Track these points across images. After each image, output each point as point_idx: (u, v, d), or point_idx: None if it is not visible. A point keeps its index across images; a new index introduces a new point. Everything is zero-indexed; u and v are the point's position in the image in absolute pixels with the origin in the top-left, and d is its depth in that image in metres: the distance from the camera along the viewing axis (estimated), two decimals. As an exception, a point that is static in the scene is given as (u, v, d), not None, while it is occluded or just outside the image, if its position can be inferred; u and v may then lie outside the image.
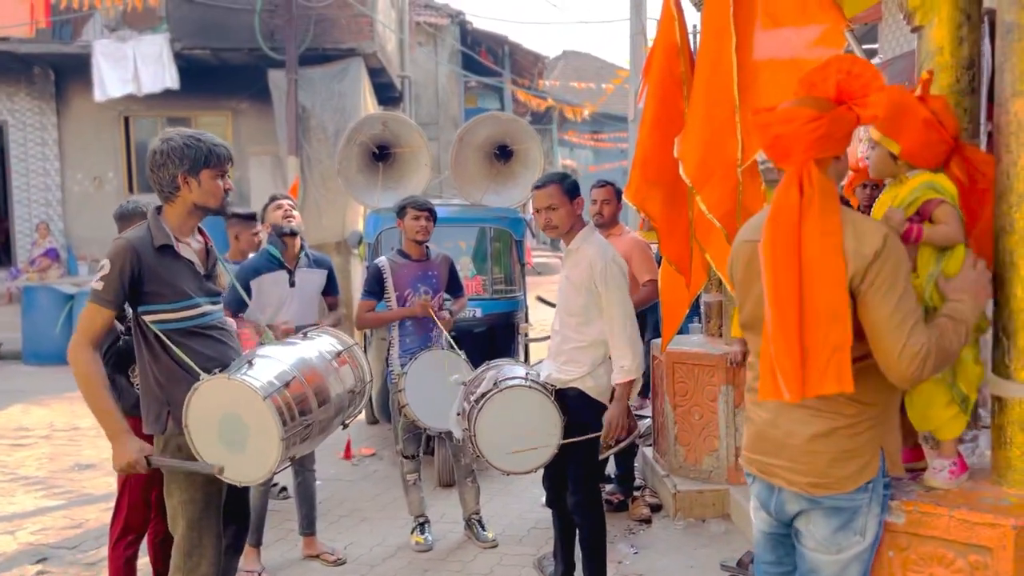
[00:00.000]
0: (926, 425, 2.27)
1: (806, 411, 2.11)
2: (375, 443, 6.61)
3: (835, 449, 2.09)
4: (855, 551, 2.12)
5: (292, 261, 4.30)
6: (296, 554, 4.38)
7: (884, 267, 1.97)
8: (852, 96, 2.07)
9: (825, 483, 2.10)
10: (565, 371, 3.50)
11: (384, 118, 6.48)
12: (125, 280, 2.62)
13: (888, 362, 2.00)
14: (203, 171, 2.71)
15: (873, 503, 2.10)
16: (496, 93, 22.78)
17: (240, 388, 2.60)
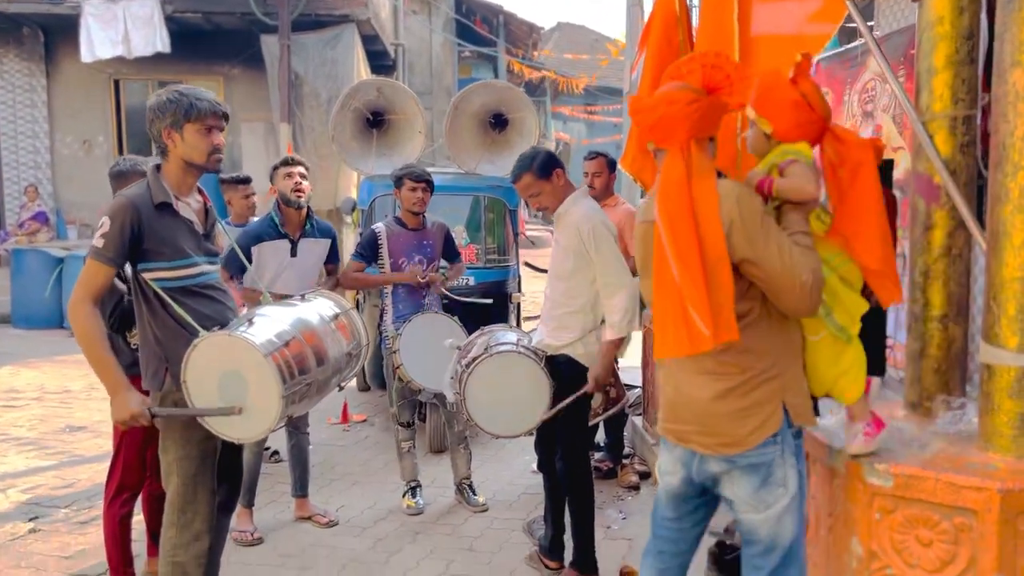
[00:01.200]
0: (825, 388, 2.37)
1: (704, 376, 2.29)
2: (367, 409, 6.65)
3: (733, 408, 2.25)
4: (783, 504, 2.25)
5: (296, 230, 4.26)
6: (288, 516, 4.42)
7: (746, 222, 2.17)
8: (716, 87, 2.27)
9: (730, 441, 2.25)
10: (556, 336, 3.52)
11: (379, 84, 6.43)
12: (126, 237, 2.61)
13: (793, 303, 2.19)
14: (186, 125, 2.68)
15: (786, 454, 2.24)
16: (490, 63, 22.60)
17: (241, 345, 2.61)
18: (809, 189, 2.27)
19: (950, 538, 2.10)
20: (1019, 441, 2.15)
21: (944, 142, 2.40)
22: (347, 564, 3.86)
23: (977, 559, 2.06)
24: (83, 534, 4.21)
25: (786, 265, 2.15)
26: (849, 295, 2.34)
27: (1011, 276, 2.11)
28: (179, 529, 2.79)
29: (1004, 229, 2.11)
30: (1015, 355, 2.12)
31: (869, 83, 7.39)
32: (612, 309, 3.38)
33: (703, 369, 2.28)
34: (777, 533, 2.26)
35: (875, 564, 2.23)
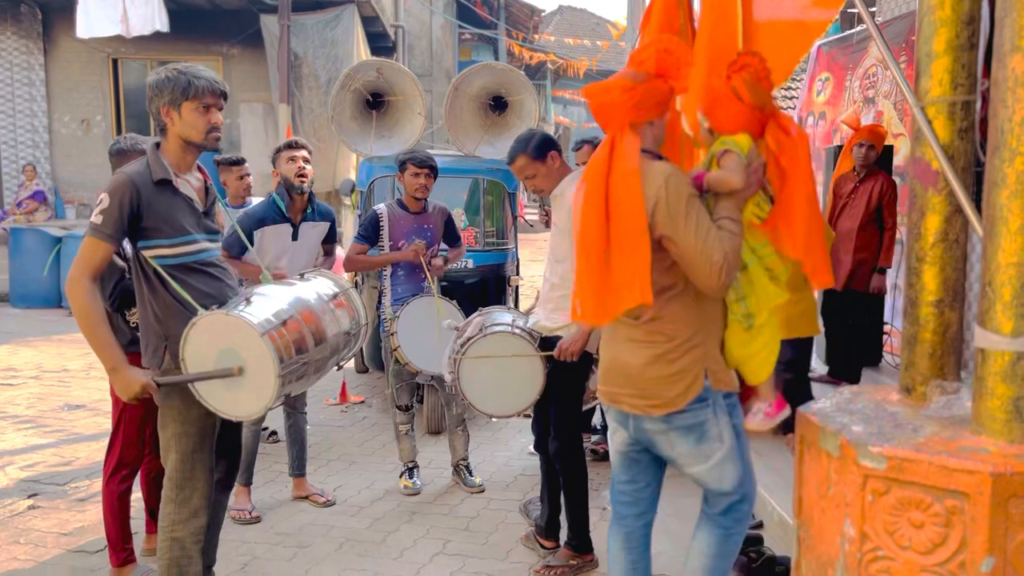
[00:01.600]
0: (732, 362, 2.60)
1: (635, 344, 2.53)
2: (364, 391, 6.68)
3: (661, 373, 2.49)
4: (720, 454, 2.55)
5: (298, 214, 4.26)
6: (286, 495, 4.45)
7: (670, 201, 2.38)
8: (667, 72, 2.46)
9: (660, 403, 2.49)
10: (552, 319, 3.53)
11: (378, 64, 6.40)
12: (124, 214, 2.62)
13: (703, 280, 2.41)
14: (184, 103, 2.68)
15: (718, 412, 2.52)
16: (490, 46, 22.50)
17: (238, 324, 2.62)
18: (733, 180, 2.46)
19: (942, 520, 2.12)
20: (1012, 425, 2.15)
21: (943, 127, 2.39)
22: (344, 543, 3.89)
23: (968, 541, 2.07)
24: (81, 511, 4.23)
25: (700, 245, 2.35)
26: (766, 285, 2.53)
27: (1007, 261, 2.11)
28: (177, 505, 2.81)
29: (1001, 215, 2.12)
30: (1010, 340, 2.12)
31: (871, 68, 7.40)
32: None
33: (634, 337, 2.52)
34: (721, 479, 2.58)
35: (867, 546, 2.24)
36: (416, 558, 3.73)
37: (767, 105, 2.56)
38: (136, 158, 2.90)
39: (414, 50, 18.51)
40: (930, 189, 2.45)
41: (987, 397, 2.19)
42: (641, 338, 2.51)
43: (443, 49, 19.68)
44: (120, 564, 3.47)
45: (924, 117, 2.42)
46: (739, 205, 2.48)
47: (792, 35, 3.32)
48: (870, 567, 2.24)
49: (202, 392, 2.68)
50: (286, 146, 4.29)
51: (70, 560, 3.70)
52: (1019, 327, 2.11)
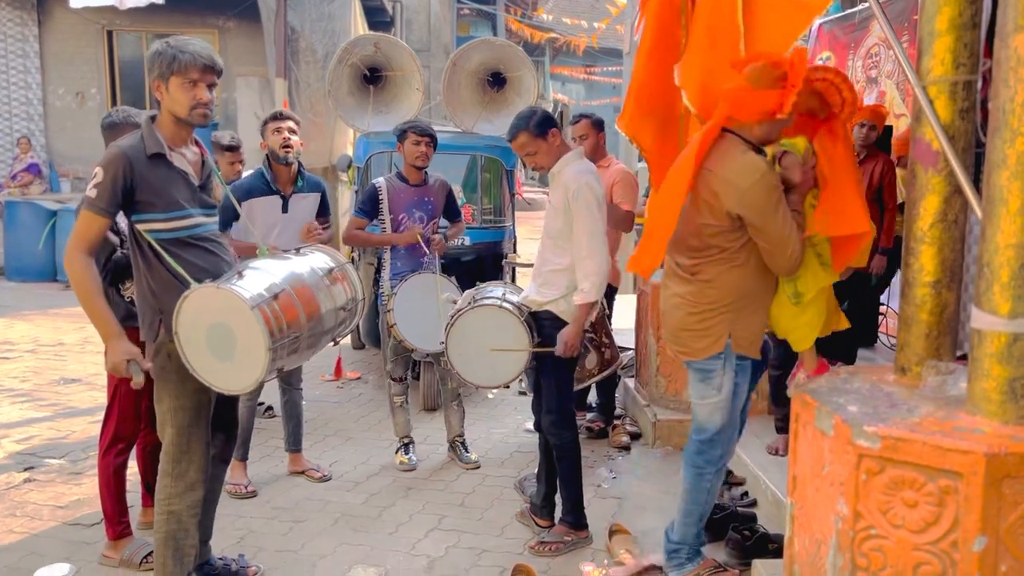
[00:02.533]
0: (781, 332, 3.13)
1: (677, 300, 3.09)
2: (360, 367, 6.68)
3: (690, 328, 3.05)
4: (713, 401, 3.09)
5: (287, 186, 4.22)
6: (282, 470, 4.47)
7: (761, 195, 2.81)
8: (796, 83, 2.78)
9: (687, 352, 3.09)
10: (541, 293, 3.56)
11: (376, 39, 6.34)
12: (118, 188, 2.60)
13: (779, 265, 2.92)
14: (171, 78, 2.65)
15: (727, 368, 3.04)
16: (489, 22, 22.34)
17: (229, 297, 2.61)
18: (791, 177, 2.96)
19: (935, 500, 2.13)
20: (1006, 406, 2.16)
21: (944, 107, 2.38)
22: (339, 518, 3.91)
23: (961, 520, 2.09)
24: (77, 484, 4.25)
25: (783, 236, 2.83)
26: (817, 269, 3.00)
27: (1006, 243, 2.11)
28: (174, 479, 2.82)
29: (1001, 195, 2.11)
30: (1007, 321, 2.13)
31: (873, 48, 7.34)
32: (583, 274, 3.40)
33: (677, 295, 3.09)
34: (708, 419, 3.12)
35: (860, 524, 2.26)
36: (411, 533, 3.75)
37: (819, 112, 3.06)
38: (129, 131, 2.87)
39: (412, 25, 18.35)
40: (930, 170, 2.44)
41: (983, 378, 2.20)
42: (682, 295, 3.06)
43: (441, 24, 19.51)
44: (116, 537, 3.48)
45: (925, 96, 2.40)
46: (801, 199, 2.95)
47: (793, 12, 3.30)
48: (863, 545, 2.26)
49: (194, 366, 2.68)
50: (272, 117, 4.26)
51: (65, 533, 3.71)
52: (1016, 308, 2.12)
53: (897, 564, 2.16)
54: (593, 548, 3.60)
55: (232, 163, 4.65)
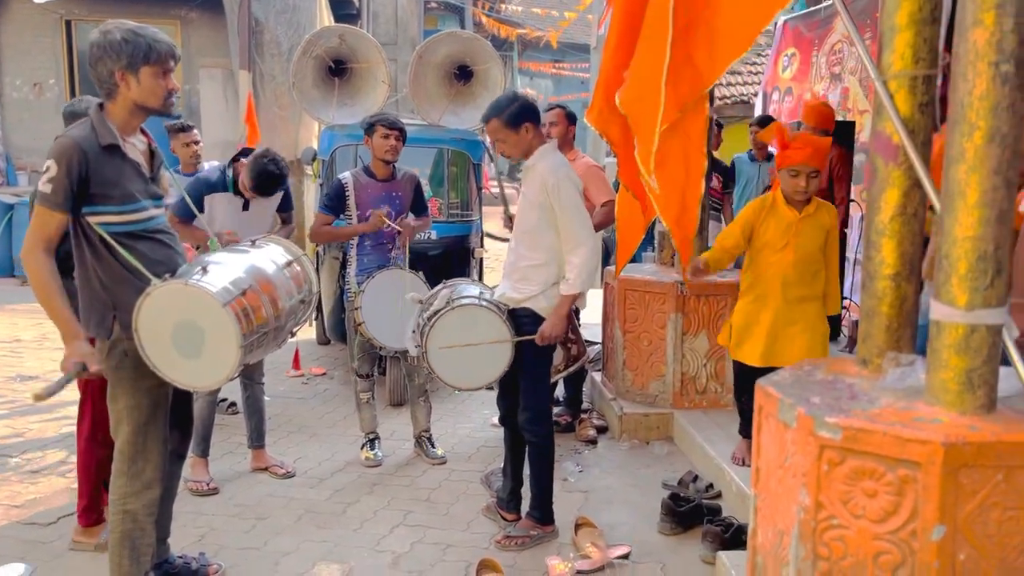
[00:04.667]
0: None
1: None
2: (325, 363, 6.62)
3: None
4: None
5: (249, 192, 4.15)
6: (244, 467, 4.41)
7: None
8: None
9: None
10: (518, 290, 3.51)
11: (341, 31, 6.26)
12: (73, 180, 2.53)
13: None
14: (142, 68, 2.59)
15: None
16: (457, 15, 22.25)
17: (197, 294, 2.57)
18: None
19: (894, 489, 2.15)
20: (964, 396, 2.19)
21: (904, 101, 2.40)
22: (303, 515, 3.86)
23: (919, 510, 2.11)
24: (34, 483, 4.15)
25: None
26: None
27: (963, 235, 2.13)
28: (129, 478, 2.77)
29: (959, 189, 2.13)
30: (964, 312, 2.15)
31: (837, 45, 7.43)
32: (571, 265, 3.38)
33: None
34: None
35: (821, 514, 2.28)
36: (376, 529, 3.72)
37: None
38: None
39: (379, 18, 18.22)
40: (890, 163, 2.46)
41: (941, 369, 2.22)
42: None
43: (408, 17, 19.39)
44: (91, 524, 3.46)
45: (886, 91, 2.42)
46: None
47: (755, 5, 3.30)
48: (824, 535, 2.28)
49: (157, 363, 2.62)
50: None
51: (22, 533, 3.63)
52: (974, 300, 2.14)
53: (857, 554, 2.18)
54: (559, 542, 3.60)
55: (187, 144, 4.56)
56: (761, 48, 11.85)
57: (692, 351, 4.81)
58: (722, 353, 4.84)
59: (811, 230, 3.65)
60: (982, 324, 2.15)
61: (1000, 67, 2.03)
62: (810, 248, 3.65)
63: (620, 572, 3.32)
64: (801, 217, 3.64)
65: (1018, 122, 2.06)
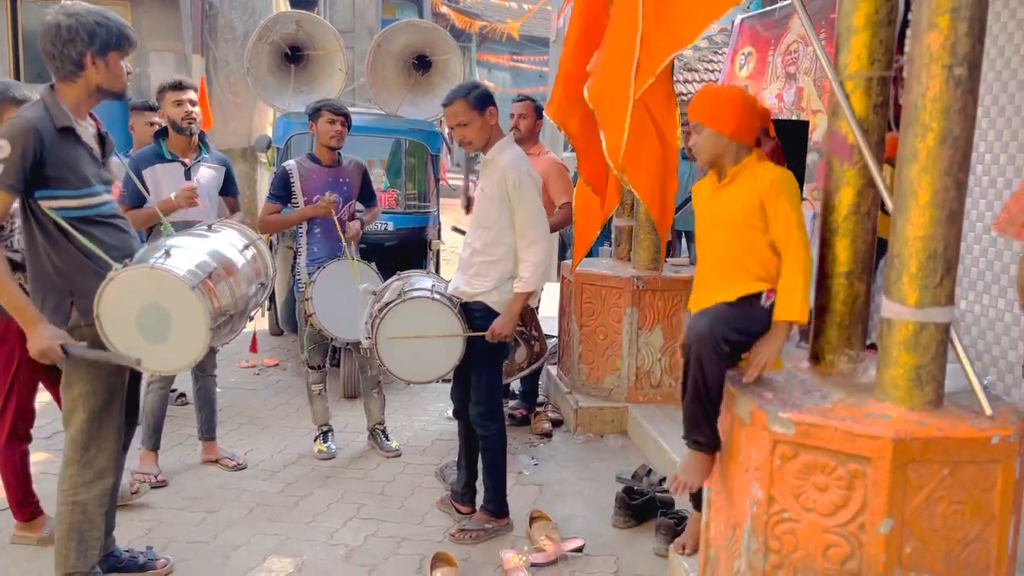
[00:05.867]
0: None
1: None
2: (278, 354, 6.53)
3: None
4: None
5: (187, 154, 4.03)
6: (195, 459, 4.33)
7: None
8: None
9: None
10: (472, 284, 3.49)
11: (298, 17, 6.16)
12: (28, 163, 2.46)
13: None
14: (111, 52, 2.60)
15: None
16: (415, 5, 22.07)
17: (165, 277, 2.54)
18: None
19: (844, 484, 2.19)
20: (913, 392, 2.24)
21: (859, 101, 2.45)
22: (255, 507, 3.80)
23: (868, 503, 2.16)
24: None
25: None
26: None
27: (915, 234, 2.17)
28: (81, 467, 2.71)
29: (911, 189, 2.17)
30: (914, 310, 2.20)
31: (792, 45, 7.53)
32: (525, 264, 3.37)
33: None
34: None
35: (773, 508, 2.31)
36: (329, 523, 3.68)
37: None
38: (7, 108, 2.74)
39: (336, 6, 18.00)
40: (845, 163, 2.50)
41: (891, 365, 2.27)
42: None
43: (366, 5, 19.17)
44: (28, 518, 3.37)
45: (842, 91, 2.46)
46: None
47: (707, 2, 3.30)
48: (776, 528, 2.32)
49: (122, 349, 2.57)
50: (171, 87, 4.01)
51: (-41, 527, 3.51)
52: (923, 298, 2.19)
53: (808, 547, 2.22)
54: (514, 535, 3.60)
55: (150, 123, 4.45)
56: (718, 46, 11.98)
57: (647, 345, 4.84)
58: (676, 348, 4.89)
59: (727, 201, 2.64)
60: (931, 322, 2.20)
61: (953, 70, 2.08)
62: (724, 226, 2.65)
63: (574, 565, 3.33)
64: (717, 187, 2.69)
65: (970, 124, 2.11)
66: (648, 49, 3.39)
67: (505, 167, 3.35)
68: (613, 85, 3.59)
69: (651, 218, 4.92)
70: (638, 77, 3.39)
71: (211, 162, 4.12)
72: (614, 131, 3.57)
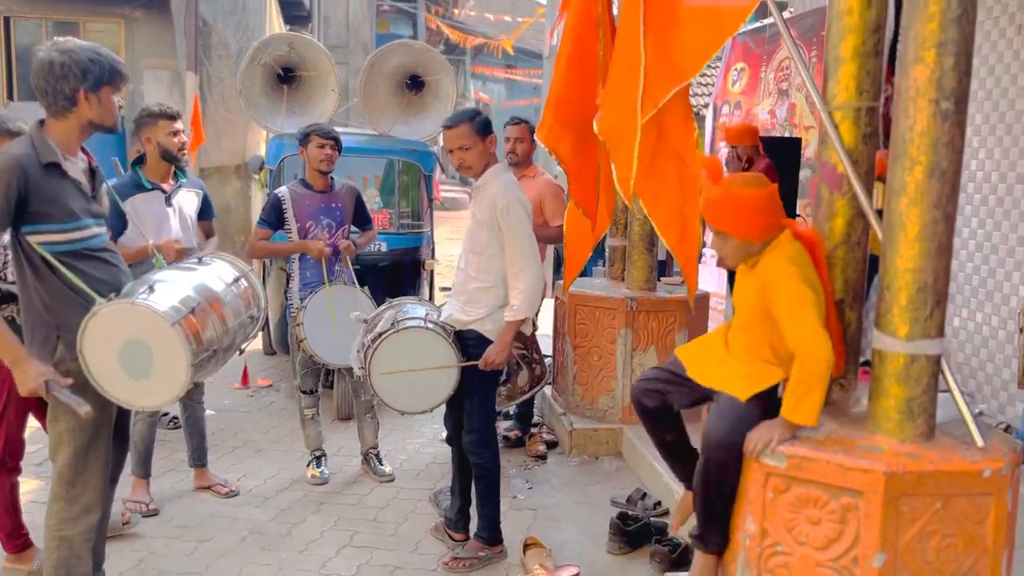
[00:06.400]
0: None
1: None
2: (272, 374, 6.51)
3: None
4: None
5: (165, 180, 3.96)
6: (187, 485, 4.30)
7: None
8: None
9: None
10: (466, 311, 3.48)
11: (291, 39, 6.17)
12: (12, 199, 2.46)
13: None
14: (104, 87, 2.61)
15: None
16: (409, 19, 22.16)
17: (145, 313, 2.52)
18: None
19: (837, 517, 2.18)
20: (904, 425, 2.24)
21: (848, 132, 2.45)
22: (247, 535, 3.78)
23: (861, 537, 2.15)
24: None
25: None
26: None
27: (904, 267, 2.18)
28: (68, 502, 2.68)
29: (900, 221, 2.18)
30: (904, 343, 2.20)
31: (784, 61, 7.55)
32: (515, 291, 3.36)
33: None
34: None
35: (766, 541, 2.30)
36: (322, 551, 3.65)
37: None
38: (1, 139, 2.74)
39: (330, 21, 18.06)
40: (835, 192, 2.50)
41: (882, 397, 2.27)
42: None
43: (360, 21, 19.25)
44: (17, 550, 3.34)
45: (831, 121, 2.46)
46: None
47: (707, 25, 3.33)
48: (769, 562, 2.30)
49: (106, 385, 2.57)
50: (168, 116, 3.90)
51: (-51, 558, 3.48)
52: (914, 331, 2.19)
53: (801, 581, 2.21)
54: (508, 563, 3.57)
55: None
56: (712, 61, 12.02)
57: (641, 366, 4.83)
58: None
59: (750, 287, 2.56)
60: (922, 354, 2.20)
61: (940, 104, 2.08)
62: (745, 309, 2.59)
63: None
64: (746, 268, 2.61)
65: (958, 158, 2.11)
66: (651, 82, 3.42)
67: (495, 193, 3.35)
68: (620, 118, 3.60)
69: (645, 239, 4.93)
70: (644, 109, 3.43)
71: (189, 187, 4.07)
72: (624, 163, 3.58)
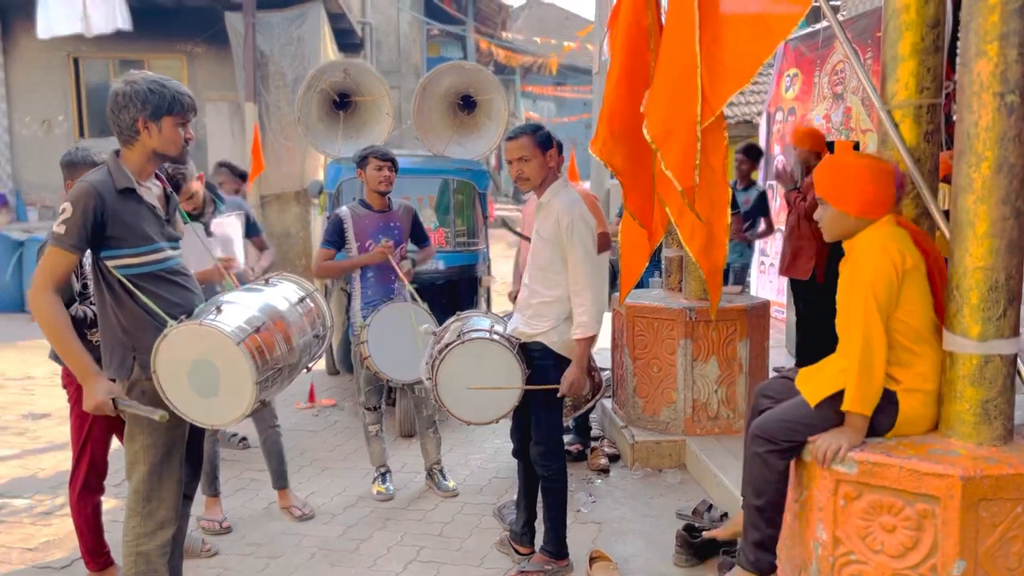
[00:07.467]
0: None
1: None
2: (335, 394, 6.61)
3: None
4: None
5: (200, 209, 4.10)
6: (257, 504, 4.39)
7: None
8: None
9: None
10: (531, 325, 3.51)
11: (345, 65, 6.33)
12: (88, 224, 2.57)
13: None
14: (165, 118, 2.67)
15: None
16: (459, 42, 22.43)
17: (212, 334, 2.60)
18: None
19: (913, 524, 2.13)
20: (980, 428, 2.17)
21: (909, 130, 2.41)
22: (316, 552, 3.84)
23: (939, 545, 2.09)
24: (47, 524, 4.14)
25: None
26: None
27: (974, 265, 2.12)
28: (143, 518, 2.77)
29: (967, 218, 2.13)
30: (977, 343, 2.14)
31: (838, 64, 7.44)
32: (579, 308, 3.38)
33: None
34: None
35: (839, 550, 2.25)
36: (390, 566, 3.69)
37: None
38: (86, 170, 2.85)
39: (382, 47, 18.38)
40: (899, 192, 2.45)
41: (956, 400, 2.21)
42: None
43: (411, 46, 19.55)
44: (100, 568, 3.46)
45: (891, 120, 2.43)
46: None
47: (758, 30, 3.32)
48: (843, 571, 2.26)
49: (178, 403, 2.65)
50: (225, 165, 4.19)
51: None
52: (986, 331, 2.13)
53: (878, 590, 2.16)
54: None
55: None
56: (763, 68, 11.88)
57: (703, 377, 4.78)
58: (733, 379, 4.82)
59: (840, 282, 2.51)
60: (996, 354, 2.14)
61: (1005, 97, 2.04)
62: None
63: (637, 606, 3.28)
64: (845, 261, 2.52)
65: (1025, 152, 2.06)
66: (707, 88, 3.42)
67: (559, 211, 3.38)
68: (676, 124, 3.61)
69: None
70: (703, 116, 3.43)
71: (228, 211, 4.23)
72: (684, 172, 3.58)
